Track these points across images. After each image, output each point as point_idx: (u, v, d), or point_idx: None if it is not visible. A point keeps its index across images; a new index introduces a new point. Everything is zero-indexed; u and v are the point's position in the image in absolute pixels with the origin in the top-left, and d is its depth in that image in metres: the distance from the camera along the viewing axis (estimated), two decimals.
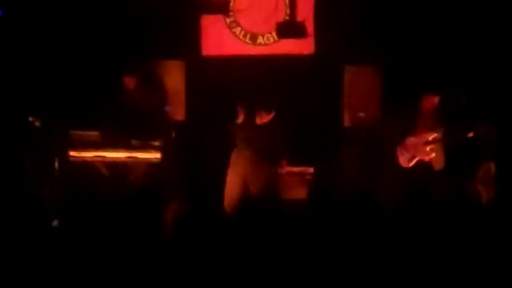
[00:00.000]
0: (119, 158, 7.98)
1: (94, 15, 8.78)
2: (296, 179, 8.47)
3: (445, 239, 4.28)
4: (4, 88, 8.49)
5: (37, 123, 8.11)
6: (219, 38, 9.29)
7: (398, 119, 7.82)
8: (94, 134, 7.96)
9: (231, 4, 9.25)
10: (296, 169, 8.50)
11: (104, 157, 7.98)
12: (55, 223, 4.75)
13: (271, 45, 9.29)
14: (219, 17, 9.22)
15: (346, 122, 8.83)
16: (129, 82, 8.18)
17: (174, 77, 8.93)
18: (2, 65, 8.49)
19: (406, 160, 7.66)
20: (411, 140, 7.61)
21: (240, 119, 7.89)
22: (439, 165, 7.60)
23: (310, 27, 9.03)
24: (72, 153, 7.92)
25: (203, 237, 4.30)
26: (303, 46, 9.12)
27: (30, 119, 8.09)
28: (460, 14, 8.51)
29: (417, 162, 7.61)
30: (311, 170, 8.52)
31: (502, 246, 4.21)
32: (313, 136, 8.72)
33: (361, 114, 8.67)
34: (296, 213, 5.27)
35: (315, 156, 8.57)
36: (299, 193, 8.32)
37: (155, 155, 7.95)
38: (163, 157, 7.95)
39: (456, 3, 8.56)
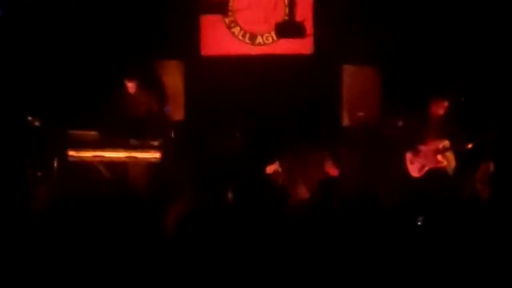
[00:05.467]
0: (118, 158, 7.96)
1: (94, 16, 8.77)
2: None
3: (445, 237, 4.30)
4: (4, 88, 8.48)
5: (37, 123, 8.11)
6: (218, 38, 9.29)
7: (406, 126, 7.77)
8: (93, 134, 7.95)
9: (230, 4, 9.25)
10: None
11: (103, 157, 7.97)
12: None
13: (270, 45, 9.30)
14: (218, 17, 9.23)
15: (345, 121, 8.84)
16: (130, 85, 8.16)
17: (173, 77, 8.93)
18: (2, 65, 8.49)
19: (416, 170, 7.54)
20: (421, 150, 7.49)
21: None
22: (451, 170, 7.51)
23: (309, 27, 9.04)
24: (71, 153, 7.91)
25: (203, 236, 4.30)
26: (302, 46, 9.13)
27: (30, 118, 8.09)
28: (459, 14, 8.52)
29: (428, 171, 7.50)
30: None
31: (501, 245, 4.22)
32: (313, 135, 8.70)
33: (360, 114, 8.67)
34: (296, 213, 5.29)
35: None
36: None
37: (154, 155, 7.93)
38: (162, 157, 7.94)
39: (455, 3, 8.57)
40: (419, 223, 4.79)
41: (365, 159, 8.53)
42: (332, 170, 7.43)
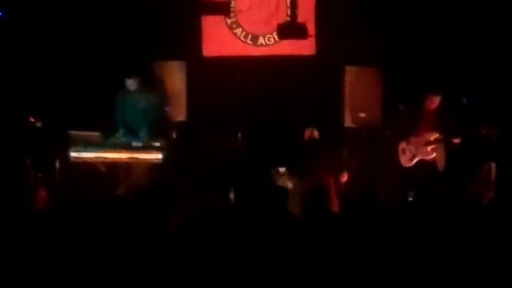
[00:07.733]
0: (120, 159, 7.95)
1: (95, 16, 8.77)
2: None
3: (446, 238, 4.29)
4: (5, 88, 8.49)
5: (38, 124, 8.11)
6: (220, 39, 9.29)
7: (400, 119, 7.87)
8: (95, 134, 7.95)
9: (232, 5, 9.25)
10: None
11: (105, 158, 7.96)
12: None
13: (272, 46, 9.30)
14: (220, 18, 9.22)
15: (347, 122, 8.82)
16: (130, 82, 8.15)
17: (175, 78, 8.92)
18: (3, 65, 8.49)
19: (407, 160, 7.72)
20: (412, 140, 7.66)
21: None
22: (441, 165, 7.64)
23: (311, 28, 9.03)
24: (73, 154, 7.90)
25: (204, 236, 4.30)
26: (304, 47, 9.12)
27: (31, 119, 8.09)
28: (461, 15, 8.51)
29: (419, 161, 7.65)
30: None
31: (502, 246, 4.21)
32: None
33: (362, 115, 8.65)
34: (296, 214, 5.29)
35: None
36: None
37: (156, 156, 7.92)
38: (165, 158, 7.93)
39: (457, 3, 8.56)
40: (410, 199, 4.80)
41: (367, 160, 8.54)
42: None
